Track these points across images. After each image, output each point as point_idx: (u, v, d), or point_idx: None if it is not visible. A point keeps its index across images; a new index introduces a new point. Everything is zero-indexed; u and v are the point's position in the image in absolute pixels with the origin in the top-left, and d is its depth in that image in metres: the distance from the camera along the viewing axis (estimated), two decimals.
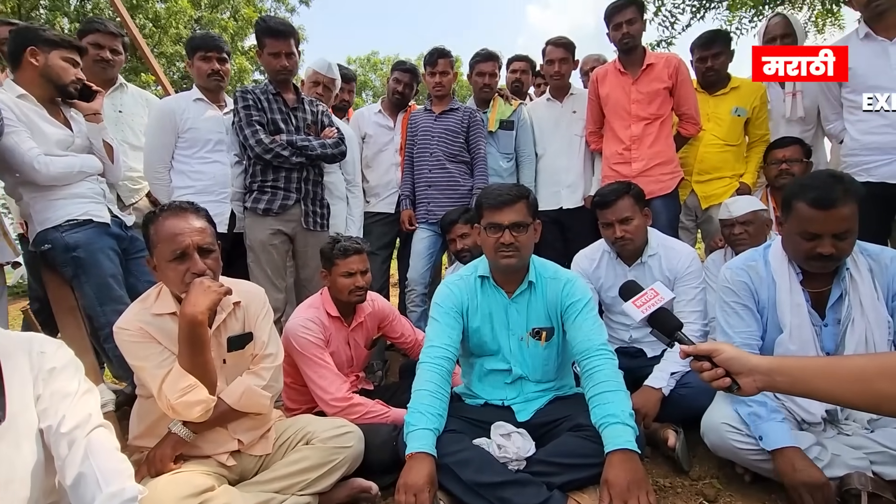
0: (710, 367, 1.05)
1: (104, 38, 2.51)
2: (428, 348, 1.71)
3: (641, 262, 2.19)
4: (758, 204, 2.33)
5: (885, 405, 0.90)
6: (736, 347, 1.06)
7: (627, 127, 2.74)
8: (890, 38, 2.27)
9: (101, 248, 2.07)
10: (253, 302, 1.66)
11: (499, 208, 1.69)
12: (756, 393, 1.01)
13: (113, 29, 2.57)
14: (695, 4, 3.83)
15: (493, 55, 3.05)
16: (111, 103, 2.57)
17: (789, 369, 0.99)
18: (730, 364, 1.02)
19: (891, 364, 0.90)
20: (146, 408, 1.56)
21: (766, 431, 1.51)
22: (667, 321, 1.16)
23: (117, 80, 2.66)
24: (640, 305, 1.19)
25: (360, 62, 23.25)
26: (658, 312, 1.18)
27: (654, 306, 1.18)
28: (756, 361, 1.01)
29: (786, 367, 0.99)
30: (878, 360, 0.96)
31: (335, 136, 2.60)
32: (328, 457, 1.60)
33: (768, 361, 1.02)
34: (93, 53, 2.47)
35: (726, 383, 1.02)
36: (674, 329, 1.15)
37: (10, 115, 1.92)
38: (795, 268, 1.64)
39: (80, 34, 2.49)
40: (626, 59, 2.76)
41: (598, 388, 1.56)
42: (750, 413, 1.56)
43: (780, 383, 0.99)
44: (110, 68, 2.57)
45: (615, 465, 1.38)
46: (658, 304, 1.19)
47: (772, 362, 1.01)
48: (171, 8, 11.24)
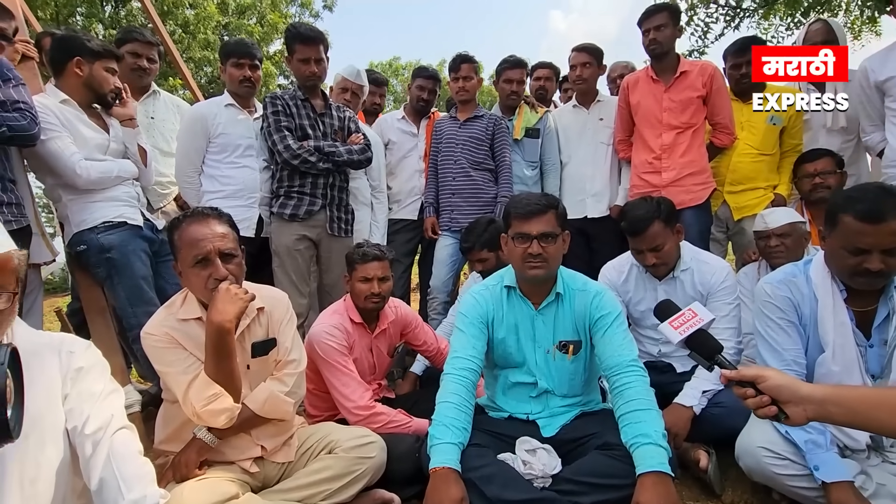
0: (755, 393, 0.99)
1: (141, 47, 2.60)
2: (452, 359, 1.68)
3: (673, 277, 2.12)
4: (795, 216, 2.24)
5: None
6: (783, 374, 1.00)
7: (658, 136, 2.68)
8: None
9: (134, 250, 2.12)
10: (276, 308, 1.67)
11: (527, 218, 1.67)
12: (805, 423, 0.95)
13: (150, 38, 2.66)
14: (729, 13, 3.73)
15: (521, 62, 3.03)
16: (144, 110, 2.64)
17: (845, 400, 0.93)
18: (778, 392, 0.96)
19: None
20: (171, 412, 1.57)
21: (825, 461, 1.43)
22: (706, 344, 1.11)
23: (151, 87, 2.73)
24: (677, 327, 1.14)
25: (382, 67, 23.45)
26: (696, 334, 1.13)
27: (693, 328, 1.13)
28: (808, 390, 0.95)
29: (841, 398, 0.94)
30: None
31: (361, 142, 2.61)
32: (351, 467, 1.59)
33: (822, 391, 0.95)
34: (130, 62, 2.56)
35: (772, 412, 0.96)
36: (714, 352, 1.10)
37: (54, 119, 1.99)
38: (839, 284, 1.56)
39: (119, 43, 2.58)
40: (659, 66, 2.71)
41: (629, 405, 1.51)
42: (808, 441, 1.47)
43: (834, 414, 0.93)
44: (146, 76, 2.65)
45: (648, 487, 1.33)
46: (697, 325, 1.13)
47: (826, 391, 0.95)
48: (199, 14, 11.54)
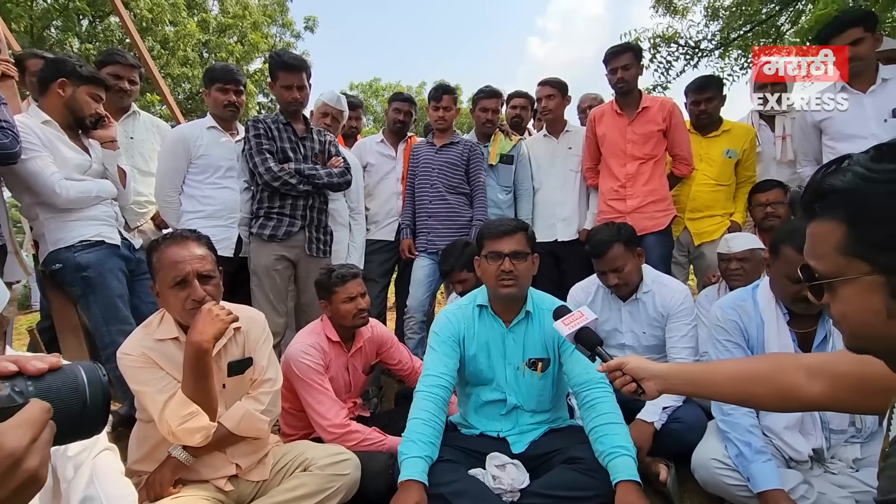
0: (622, 375, 1.16)
1: (123, 69, 2.64)
2: (425, 377, 1.75)
3: (636, 299, 2.25)
4: (756, 242, 2.40)
5: (752, 402, 1.12)
6: (639, 358, 1.17)
7: (623, 165, 2.85)
8: (864, 91, 2.45)
9: (111, 269, 2.13)
10: (253, 327, 1.70)
11: (499, 237, 1.77)
12: (657, 395, 1.12)
13: (131, 61, 2.70)
14: (688, 52, 4.03)
15: (496, 92, 3.18)
16: (123, 130, 2.67)
17: (681, 373, 1.12)
18: (635, 372, 1.13)
19: (757, 369, 1.05)
20: (146, 432, 1.57)
21: (753, 473, 1.55)
22: (590, 338, 1.28)
23: (131, 108, 2.76)
24: (567, 324, 1.30)
25: (363, 87, 23.75)
26: (582, 330, 1.29)
27: (580, 325, 1.29)
28: (656, 368, 1.12)
29: (682, 372, 1.13)
30: (749, 365, 1.10)
31: (341, 165, 2.68)
32: (325, 484, 1.61)
33: (667, 367, 1.14)
34: (111, 83, 2.58)
35: (632, 388, 1.13)
36: (595, 344, 1.26)
37: (35, 139, 2.01)
38: (782, 308, 1.70)
39: (100, 64, 2.62)
40: (623, 101, 2.89)
41: (601, 419, 1.60)
42: (737, 455, 1.60)
43: (677, 386, 1.10)
44: (127, 97, 2.69)
45: (629, 492, 1.43)
46: (583, 322, 1.29)
47: (669, 367, 1.14)
48: (179, 31, 11.54)
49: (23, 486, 0.43)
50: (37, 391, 0.47)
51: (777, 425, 1.66)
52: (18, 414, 0.44)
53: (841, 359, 0.95)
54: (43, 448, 0.44)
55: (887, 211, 0.63)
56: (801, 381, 0.98)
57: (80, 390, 0.51)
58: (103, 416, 0.53)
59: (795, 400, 0.99)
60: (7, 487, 0.42)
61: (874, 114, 2.42)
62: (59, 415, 0.47)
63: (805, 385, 0.97)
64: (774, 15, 4.12)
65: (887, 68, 2.47)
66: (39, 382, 0.49)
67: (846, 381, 0.93)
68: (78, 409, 0.50)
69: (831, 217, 0.69)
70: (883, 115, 2.40)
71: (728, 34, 4.08)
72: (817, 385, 0.96)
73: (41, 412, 0.45)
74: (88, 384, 0.51)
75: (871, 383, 0.88)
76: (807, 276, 0.76)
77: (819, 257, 0.72)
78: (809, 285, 0.76)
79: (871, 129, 2.39)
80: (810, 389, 0.97)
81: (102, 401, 0.52)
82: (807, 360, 1.02)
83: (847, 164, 0.68)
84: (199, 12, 12.62)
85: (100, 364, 0.55)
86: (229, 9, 13.20)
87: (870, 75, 2.46)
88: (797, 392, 0.98)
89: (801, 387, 0.98)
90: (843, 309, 0.71)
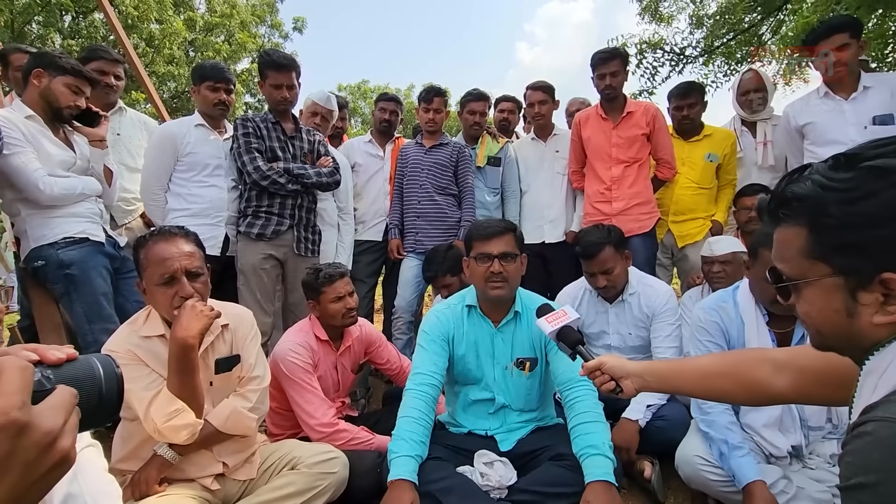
0: (600, 374, 1.19)
1: (107, 64, 2.60)
2: (414, 375, 1.76)
3: (622, 300, 2.29)
4: (739, 246, 2.46)
5: (720, 396, 1.15)
6: (616, 357, 1.20)
7: (608, 168, 2.90)
8: (845, 98, 2.52)
9: (94, 266, 2.10)
10: (241, 325, 1.70)
11: (488, 239, 1.79)
12: (635, 394, 1.15)
13: (115, 56, 2.66)
14: (673, 59, 4.13)
15: (484, 95, 3.21)
16: (110, 126, 2.63)
17: (655, 371, 1.15)
18: (613, 371, 1.16)
19: (722, 364, 1.09)
20: (130, 430, 1.55)
21: (735, 469, 1.58)
22: (570, 336, 1.30)
23: (117, 104, 2.73)
24: (550, 321, 1.33)
25: (351, 89, 23.69)
26: (564, 329, 1.31)
27: (562, 323, 1.31)
28: (631, 367, 1.16)
29: (654, 370, 1.16)
30: (714, 360, 1.15)
31: (331, 165, 2.68)
32: (313, 482, 1.61)
33: (641, 366, 1.17)
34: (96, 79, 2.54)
35: (611, 387, 1.16)
36: (575, 342, 1.29)
37: (17, 134, 1.97)
38: (762, 309, 1.75)
39: (84, 61, 2.57)
40: (608, 105, 2.94)
41: (579, 418, 1.63)
42: (719, 455, 1.64)
43: (651, 383, 1.14)
44: (113, 93, 2.65)
45: (597, 493, 1.45)
46: (565, 321, 1.32)
47: (643, 366, 1.17)
48: (165, 29, 11.41)
49: (56, 466, 0.45)
50: (57, 380, 0.49)
51: (756, 423, 1.70)
52: (50, 397, 0.46)
53: (807, 352, 0.97)
54: (73, 430, 0.46)
55: (843, 217, 0.68)
56: (765, 375, 1.01)
57: (96, 380, 0.53)
58: (117, 407, 0.55)
59: (761, 393, 1.02)
60: (43, 465, 0.44)
61: (855, 120, 2.47)
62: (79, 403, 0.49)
63: (770, 378, 1.01)
64: (756, 24, 4.24)
65: (869, 76, 2.53)
66: (59, 371, 0.51)
67: (811, 374, 0.96)
68: (95, 399, 0.52)
69: (795, 223, 0.73)
70: (863, 123, 2.45)
71: (712, 42, 4.20)
72: (783, 379, 0.99)
73: (70, 397, 0.47)
74: (104, 375, 0.53)
75: (835, 376, 0.90)
76: (774, 278, 0.80)
77: (785, 260, 0.76)
78: (777, 287, 0.80)
79: (851, 135, 2.43)
80: (776, 382, 1.00)
81: (117, 391, 0.54)
82: (772, 354, 1.05)
83: (808, 173, 0.73)
84: (185, 10, 12.49)
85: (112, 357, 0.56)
86: (217, 8, 13.09)
87: (852, 82, 2.51)
88: (762, 385, 1.01)
89: (766, 380, 1.01)
90: (808, 309, 0.76)
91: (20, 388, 0.43)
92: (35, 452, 0.43)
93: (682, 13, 5.88)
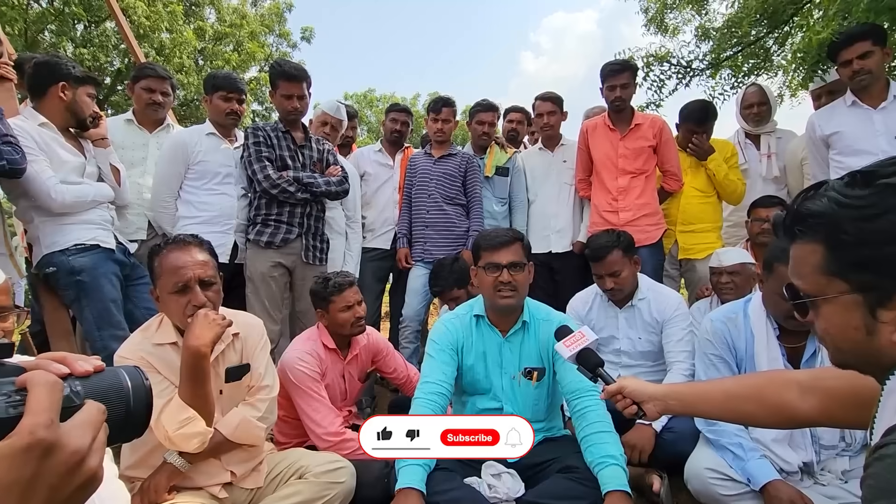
0: (622, 398, 1.17)
1: (156, 82, 2.66)
2: (423, 384, 1.75)
3: (632, 305, 2.31)
4: (747, 257, 2.45)
5: (747, 420, 1.12)
6: (637, 380, 1.18)
7: (615, 178, 2.90)
8: (874, 107, 2.43)
9: (105, 273, 2.12)
10: (251, 333, 1.71)
11: (497, 249, 1.79)
12: (658, 417, 1.14)
13: (163, 73, 2.71)
14: (680, 72, 4.15)
15: (493, 106, 3.23)
16: (157, 143, 2.69)
17: (677, 394, 1.13)
18: (634, 395, 1.14)
19: (750, 387, 1.07)
20: (140, 438, 1.56)
21: (751, 471, 1.57)
22: (590, 359, 1.28)
23: (165, 121, 2.77)
24: (568, 345, 1.30)
25: (357, 98, 23.88)
26: (583, 351, 1.29)
27: (581, 346, 1.29)
28: (653, 390, 1.14)
29: (676, 393, 1.14)
30: (742, 383, 1.12)
31: (339, 174, 2.71)
32: (321, 492, 1.61)
33: (663, 389, 1.15)
34: (145, 97, 2.62)
35: (633, 411, 1.14)
36: (595, 365, 1.26)
37: (31, 143, 2.00)
38: (773, 323, 1.74)
39: (134, 80, 2.66)
40: (616, 116, 2.96)
41: (591, 427, 1.62)
42: (733, 458, 1.63)
43: (673, 407, 1.12)
44: (161, 110, 2.70)
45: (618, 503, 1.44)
46: (584, 343, 1.29)
47: (665, 389, 1.15)
48: (175, 39, 11.55)
49: (84, 485, 0.44)
50: (85, 393, 0.47)
51: (765, 437, 1.68)
52: (78, 414, 0.44)
53: (831, 374, 0.95)
54: (101, 448, 0.45)
55: (859, 234, 0.67)
56: (793, 398, 1.00)
57: (124, 393, 0.51)
58: (145, 420, 0.53)
59: (790, 417, 1.01)
60: (71, 485, 0.42)
61: (884, 130, 2.39)
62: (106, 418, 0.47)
63: (798, 401, 0.99)
64: (763, 37, 4.26)
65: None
66: (87, 383, 0.49)
67: (838, 396, 0.95)
68: (122, 412, 0.50)
69: (811, 239, 0.73)
70: (893, 132, 2.37)
71: (718, 54, 4.22)
72: (810, 401, 0.98)
73: (98, 413, 0.46)
74: (132, 387, 0.51)
75: (861, 398, 0.88)
76: (791, 295, 0.80)
77: (801, 277, 0.76)
78: (794, 303, 0.79)
79: (882, 145, 2.36)
80: (803, 406, 0.98)
81: (146, 404, 0.52)
82: (798, 377, 1.04)
83: (824, 190, 0.73)
84: (195, 20, 12.66)
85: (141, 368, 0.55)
86: (226, 17, 13.27)
87: (880, 91, 2.43)
88: (791, 408, 1.00)
89: (795, 403, 0.99)
90: (826, 326, 0.75)
91: (49, 406, 0.42)
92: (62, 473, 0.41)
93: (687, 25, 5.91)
